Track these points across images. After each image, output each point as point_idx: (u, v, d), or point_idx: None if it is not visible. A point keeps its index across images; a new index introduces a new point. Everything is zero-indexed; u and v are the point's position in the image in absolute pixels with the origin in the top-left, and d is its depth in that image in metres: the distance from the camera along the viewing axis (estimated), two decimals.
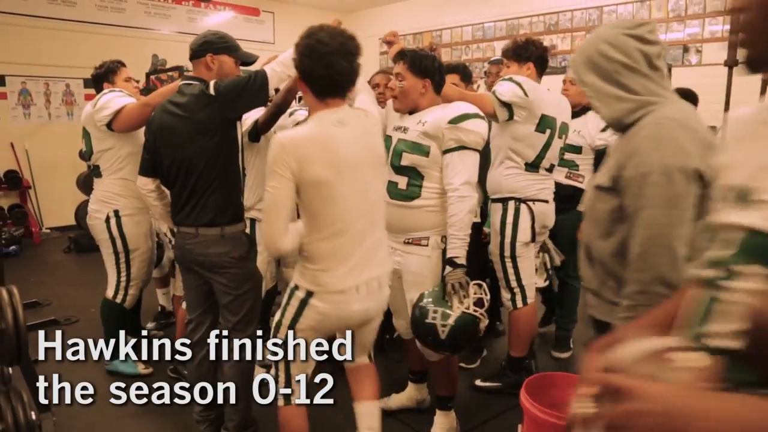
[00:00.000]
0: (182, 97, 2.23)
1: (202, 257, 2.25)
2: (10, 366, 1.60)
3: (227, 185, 2.26)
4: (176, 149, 2.21)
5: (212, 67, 2.28)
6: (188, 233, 2.25)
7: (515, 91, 2.57)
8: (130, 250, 3.00)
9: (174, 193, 2.30)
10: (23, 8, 6.50)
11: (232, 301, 2.29)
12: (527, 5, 7.22)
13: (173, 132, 2.21)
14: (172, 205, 2.34)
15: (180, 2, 7.84)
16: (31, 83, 6.71)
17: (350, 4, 8.76)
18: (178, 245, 2.32)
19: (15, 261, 5.63)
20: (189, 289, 2.41)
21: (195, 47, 2.29)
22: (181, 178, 2.23)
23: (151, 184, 2.36)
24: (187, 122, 2.18)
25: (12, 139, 6.60)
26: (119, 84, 3.08)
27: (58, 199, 6.76)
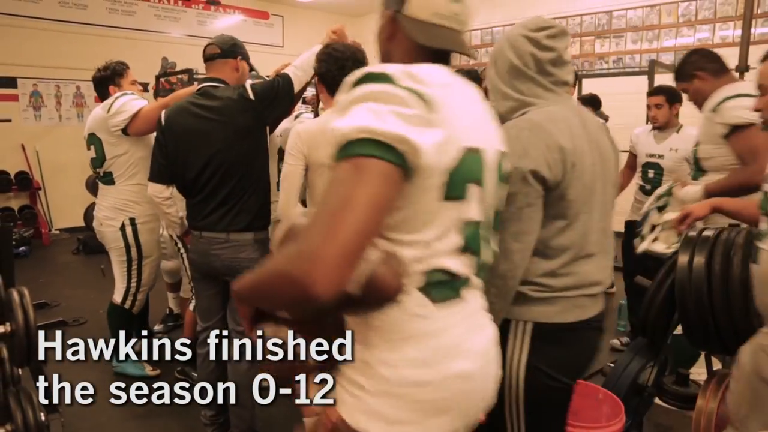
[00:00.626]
0: (212, 100, 2.17)
1: (231, 262, 2.19)
2: (20, 367, 1.61)
3: (262, 189, 2.25)
4: (210, 155, 2.14)
5: (238, 71, 2.26)
6: (216, 239, 2.19)
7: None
8: (143, 257, 2.99)
9: (198, 199, 2.21)
10: (35, 11, 6.57)
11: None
12: (536, 9, 7.21)
13: (206, 136, 2.14)
14: (193, 210, 2.26)
15: (190, 5, 7.89)
16: (42, 85, 6.77)
17: (359, 8, 8.78)
18: (200, 251, 2.25)
19: (24, 262, 5.67)
20: (204, 297, 2.36)
21: (225, 47, 2.23)
22: (213, 183, 2.16)
23: (166, 191, 2.29)
24: (225, 126, 2.13)
25: (23, 140, 6.66)
26: (126, 87, 2.99)
27: (68, 201, 6.81)
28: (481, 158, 1.00)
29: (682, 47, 5.96)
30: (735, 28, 5.60)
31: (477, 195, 0.99)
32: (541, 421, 1.37)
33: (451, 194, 0.94)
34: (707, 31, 5.85)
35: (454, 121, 0.93)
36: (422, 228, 0.93)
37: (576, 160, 1.28)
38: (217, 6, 8.17)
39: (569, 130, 1.30)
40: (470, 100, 1.05)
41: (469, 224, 0.99)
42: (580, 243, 1.33)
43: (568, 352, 1.36)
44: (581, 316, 1.35)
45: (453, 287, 0.99)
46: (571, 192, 1.29)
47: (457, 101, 0.97)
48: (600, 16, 6.67)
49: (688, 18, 5.95)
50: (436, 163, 0.89)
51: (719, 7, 5.74)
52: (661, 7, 6.14)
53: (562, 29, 1.37)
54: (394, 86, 0.87)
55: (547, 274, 1.32)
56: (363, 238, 0.79)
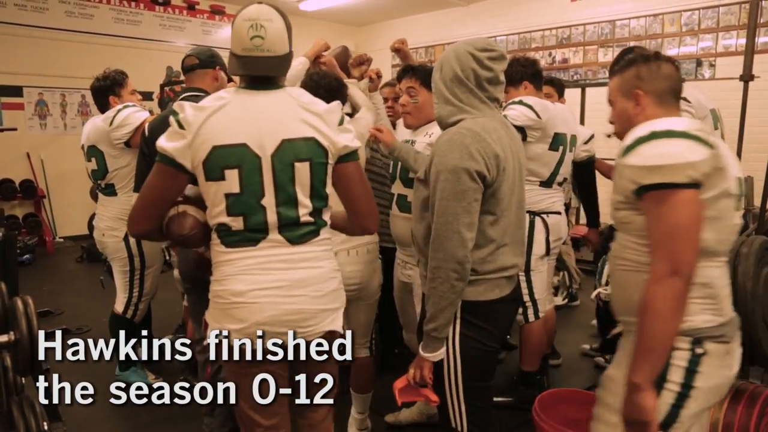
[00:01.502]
0: None
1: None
2: (23, 376, 1.61)
3: None
4: None
5: (219, 80, 2.28)
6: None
7: (528, 114, 2.57)
8: (146, 267, 2.98)
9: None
10: (42, 21, 6.63)
11: None
12: (539, 19, 7.24)
13: None
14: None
15: (194, 15, 7.95)
16: (47, 94, 6.82)
17: (362, 17, 8.83)
18: (189, 260, 2.18)
19: (29, 269, 5.68)
20: (193, 309, 2.32)
21: (204, 57, 2.25)
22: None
23: None
24: None
25: (28, 149, 6.69)
26: (126, 97, 2.95)
27: (72, 209, 6.83)
28: (237, 150, 1.43)
29: (685, 56, 5.97)
30: (738, 37, 5.61)
31: (235, 175, 1.43)
32: (474, 381, 1.64)
33: (210, 177, 1.44)
34: (710, 40, 5.85)
35: (205, 128, 1.42)
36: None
37: (505, 165, 1.55)
38: (222, 15, 8.22)
39: (500, 140, 1.56)
40: (247, 108, 1.46)
41: (229, 195, 1.45)
42: (502, 234, 1.60)
43: (492, 323, 1.64)
44: (500, 294, 1.64)
45: (231, 235, 1.49)
46: (500, 192, 1.56)
47: (220, 115, 1.44)
48: (603, 26, 6.68)
49: (691, 27, 5.96)
50: (186, 160, 1.43)
51: (722, 16, 5.74)
52: (664, 17, 6.15)
53: (501, 53, 1.63)
54: (172, 115, 1.45)
55: (477, 262, 1.57)
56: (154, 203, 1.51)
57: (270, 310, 1.48)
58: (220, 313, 1.51)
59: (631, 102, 1.46)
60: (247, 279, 1.47)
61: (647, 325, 1.26)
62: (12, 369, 1.55)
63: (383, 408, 2.68)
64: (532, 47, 7.49)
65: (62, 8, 6.77)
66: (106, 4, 7.10)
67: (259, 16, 1.50)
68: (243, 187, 1.44)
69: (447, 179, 1.51)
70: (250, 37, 1.46)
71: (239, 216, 1.46)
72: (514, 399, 2.89)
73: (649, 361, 1.26)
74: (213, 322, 1.52)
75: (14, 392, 1.53)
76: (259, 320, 1.47)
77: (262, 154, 1.44)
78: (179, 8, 7.78)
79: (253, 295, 1.47)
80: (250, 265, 1.48)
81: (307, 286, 1.52)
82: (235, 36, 1.48)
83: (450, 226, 1.51)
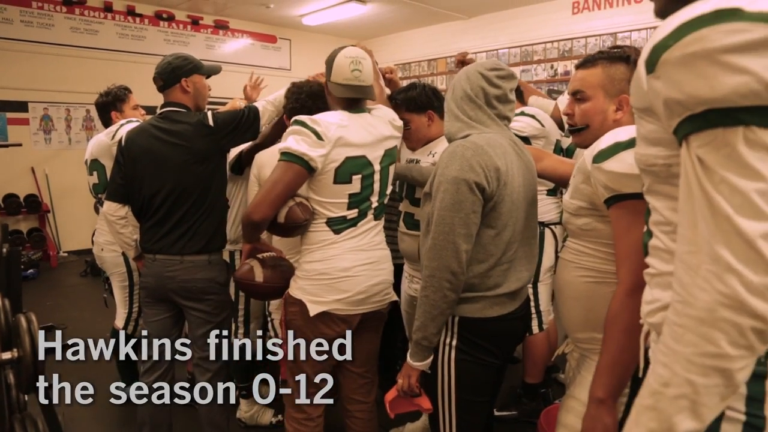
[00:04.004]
0: (173, 123, 2.20)
1: (187, 283, 2.20)
2: (26, 393, 1.60)
3: (218, 214, 2.26)
4: (167, 176, 2.18)
5: (189, 90, 2.27)
6: (171, 260, 2.20)
7: (533, 124, 2.60)
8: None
9: (153, 220, 2.23)
10: (47, 37, 6.69)
11: (210, 331, 2.27)
12: (541, 32, 7.28)
13: (164, 159, 2.18)
14: (147, 233, 2.26)
15: (198, 30, 8.02)
16: (53, 109, 6.87)
17: (365, 31, 8.89)
18: (154, 274, 2.24)
19: (32, 284, 5.69)
20: (153, 323, 2.33)
21: (166, 76, 2.24)
22: (167, 205, 2.19)
23: (122, 211, 2.30)
24: (184, 150, 2.17)
25: (33, 163, 6.73)
26: (128, 112, 2.98)
27: (76, 223, 6.85)
28: (361, 161, 1.83)
29: None
30: None
31: (359, 179, 1.84)
32: (468, 395, 1.63)
33: (338, 180, 1.81)
34: None
35: (339, 142, 1.77)
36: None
37: (507, 180, 1.55)
38: (226, 30, 8.29)
39: (504, 155, 1.57)
40: (361, 128, 1.84)
41: (352, 195, 1.85)
42: (503, 250, 1.58)
43: (492, 341, 1.62)
44: (502, 311, 1.61)
45: (343, 223, 1.87)
46: (501, 206, 1.55)
47: (345, 130, 1.79)
48: (604, 38, 6.71)
49: None
50: (324, 165, 1.78)
51: None
52: None
53: (510, 73, 1.66)
54: (304, 127, 1.77)
55: (477, 276, 1.57)
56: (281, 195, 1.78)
57: (367, 282, 1.87)
58: (325, 288, 1.83)
59: (613, 105, 1.41)
60: (350, 257, 1.85)
61: (615, 337, 1.21)
62: (15, 386, 1.55)
63: (387, 423, 2.67)
64: (534, 60, 7.52)
65: (68, 24, 6.84)
66: (110, 20, 7.17)
67: (357, 55, 1.87)
68: (363, 188, 1.85)
69: (447, 190, 1.52)
70: (351, 70, 1.85)
71: (355, 209, 1.87)
72: (518, 412, 2.87)
73: (615, 375, 1.21)
74: (310, 296, 1.83)
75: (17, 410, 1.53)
76: (360, 290, 1.86)
77: (374, 162, 1.87)
78: (183, 23, 7.84)
79: (356, 270, 1.85)
80: (352, 247, 1.86)
81: (384, 263, 1.96)
82: (337, 68, 1.85)
83: (447, 236, 1.51)
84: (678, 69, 0.70)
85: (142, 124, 2.29)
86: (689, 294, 0.70)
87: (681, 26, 0.70)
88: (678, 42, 0.70)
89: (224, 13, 8.02)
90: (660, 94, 0.75)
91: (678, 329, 0.71)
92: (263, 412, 2.83)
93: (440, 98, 2.28)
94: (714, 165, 0.68)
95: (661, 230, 0.90)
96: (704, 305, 0.68)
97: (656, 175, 0.87)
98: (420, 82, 2.39)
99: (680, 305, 0.71)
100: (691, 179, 0.71)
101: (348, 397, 2.07)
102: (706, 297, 0.67)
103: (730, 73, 0.65)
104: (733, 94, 0.65)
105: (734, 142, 0.66)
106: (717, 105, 0.67)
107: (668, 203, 0.87)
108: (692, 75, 0.69)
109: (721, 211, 0.67)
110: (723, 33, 0.65)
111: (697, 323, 0.68)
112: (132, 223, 2.35)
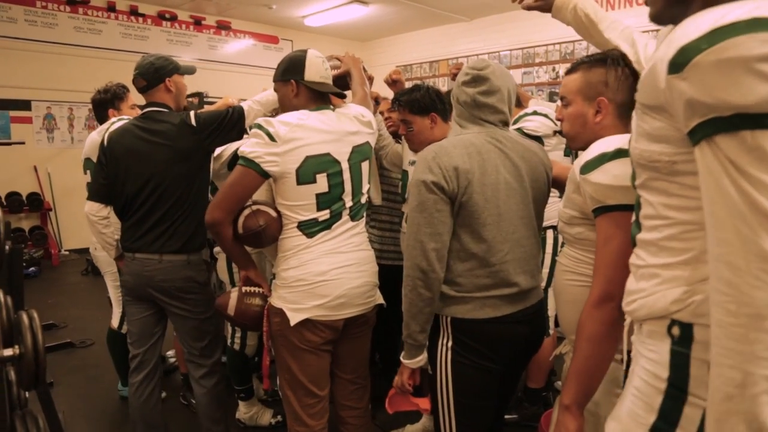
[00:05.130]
0: (156, 123, 2.21)
1: (165, 283, 2.20)
2: (27, 390, 1.61)
3: (198, 214, 2.20)
4: (149, 175, 2.17)
5: (172, 90, 2.29)
6: (150, 260, 2.19)
7: (547, 123, 2.57)
8: None
9: (134, 219, 2.22)
10: (51, 36, 6.71)
11: (196, 326, 2.27)
12: (543, 34, 7.28)
13: (147, 158, 2.17)
14: (128, 232, 2.25)
15: (201, 30, 8.03)
16: (55, 108, 6.89)
17: (366, 32, 8.90)
18: (133, 272, 2.23)
19: (34, 282, 5.70)
20: (136, 321, 2.32)
21: (149, 77, 2.24)
22: (149, 204, 2.18)
23: (104, 211, 2.30)
24: (167, 149, 2.17)
25: (35, 162, 6.75)
26: (125, 111, 2.96)
27: (78, 222, 6.84)
28: (324, 158, 1.78)
29: None
30: None
31: (325, 178, 1.78)
32: (466, 399, 1.62)
33: (302, 181, 1.76)
34: None
35: (295, 142, 1.74)
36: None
37: (472, 179, 1.53)
38: (228, 31, 8.31)
39: (474, 153, 1.56)
40: (320, 123, 1.81)
41: (320, 195, 1.79)
42: (488, 250, 1.56)
43: (486, 344, 1.59)
44: (494, 313, 1.57)
45: (315, 226, 1.81)
46: (470, 204, 1.53)
47: (301, 130, 1.76)
48: None
49: None
50: (283, 167, 1.74)
51: None
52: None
53: (474, 77, 1.63)
54: (259, 129, 1.75)
55: (461, 275, 1.57)
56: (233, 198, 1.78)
57: (346, 285, 1.81)
58: (303, 295, 1.78)
59: (592, 108, 1.42)
60: (326, 261, 1.79)
61: (580, 346, 1.24)
62: (16, 383, 1.55)
63: (388, 425, 2.67)
64: (535, 62, 7.53)
65: (71, 23, 6.86)
66: (114, 19, 7.19)
67: (323, 56, 1.95)
68: (331, 187, 1.80)
69: (412, 192, 1.57)
70: (325, 68, 1.90)
71: (326, 210, 1.81)
72: (519, 416, 2.87)
73: (580, 382, 1.24)
74: (289, 304, 1.79)
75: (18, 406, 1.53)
76: (339, 294, 1.79)
77: (341, 159, 1.82)
78: (186, 23, 7.86)
79: (333, 273, 1.79)
80: (328, 250, 1.81)
81: (365, 264, 1.89)
82: (312, 66, 1.88)
83: (415, 236, 1.55)
84: (711, 73, 0.71)
85: (124, 124, 2.29)
86: (742, 293, 0.71)
87: (715, 30, 0.71)
88: (713, 46, 0.71)
89: (227, 13, 8.04)
90: (684, 95, 0.75)
91: (738, 329, 0.72)
92: (262, 412, 2.83)
93: (443, 101, 2.28)
94: (747, 166, 0.70)
95: (653, 224, 0.92)
96: (763, 301, 0.70)
97: (657, 170, 0.88)
98: (424, 84, 2.38)
99: (734, 305, 0.72)
100: (724, 181, 0.72)
101: (340, 403, 2.04)
102: (763, 294, 0.70)
103: (764, 81, 0.67)
104: (765, 102, 0.68)
105: (764, 145, 0.69)
106: (747, 111, 0.69)
107: (664, 199, 0.89)
108: (726, 80, 0.70)
109: (762, 210, 0.69)
110: (760, 42, 0.67)
111: (759, 320, 0.70)
112: (114, 223, 2.35)
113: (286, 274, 1.81)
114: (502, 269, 1.57)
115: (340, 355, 1.95)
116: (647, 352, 0.92)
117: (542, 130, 2.56)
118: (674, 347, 0.87)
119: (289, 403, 1.91)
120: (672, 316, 0.87)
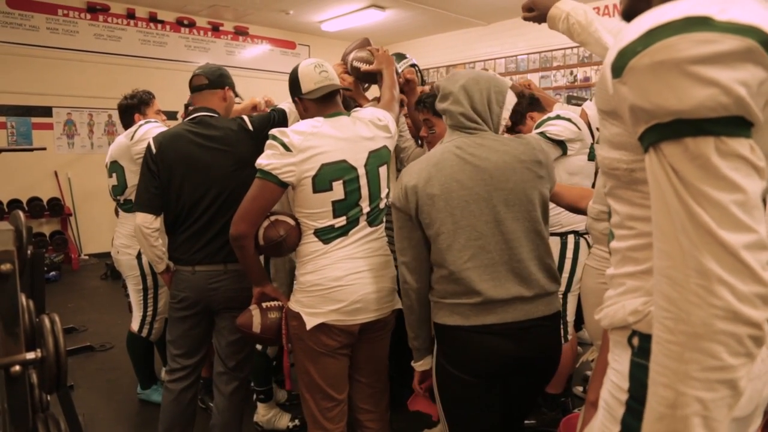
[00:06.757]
0: (211, 129, 2.14)
1: (234, 293, 2.15)
2: (49, 393, 1.62)
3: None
4: (211, 183, 2.11)
5: (227, 100, 2.26)
6: (215, 271, 2.14)
7: (570, 128, 2.55)
8: (159, 286, 2.97)
9: (192, 230, 2.14)
10: (72, 43, 6.82)
11: (238, 340, 2.21)
12: (561, 38, 7.17)
13: (206, 165, 2.12)
14: (184, 244, 2.16)
15: (219, 36, 8.11)
16: (76, 114, 6.99)
17: (382, 37, 8.91)
18: (195, 287, 2.15)
19: (54, 286, 5.77)
20: (188, 336, 2.24)
21: (213, 78, 2.21)
22: (209, 214, 2.12)
23: (156, 222, 2.18)
24: (228, 155, 2.12)
25: (56, 167, 6.84)
26: (150, 116, 2.95)
27: (97, 226, 6.95)
28: (341, 165, 1.79)
29: None
30: None
31: (341, 185, 1.79)
32: (457, 410, 1.65)
33: (318, 189, 1.78)
34: None
35: (310, 150, 1.76)
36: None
37: (430, 192, 1.58)
38: (246, 36, 8.37)
39: (424, 170, 1.62)
40: (335, 130, 1.82)
41: (336, 202, 1.80)
42: (451, 260, 1.57)
43: (462, 353, 1.61)
44: (463, 322, 1.58)
45: (332, 233, 1.83)
46: (423, 217, 1.60)
47: (315, 138, 1.78)
48: None
49: None
50: (299, 176, 1.77)
51: None
52: None
53: (441, 95, 1.68)
54: (274, 140, 1.78)
55: (436, 282, 1.65)
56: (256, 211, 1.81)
57: (362, 290, 1.82)
58: (319, 299, 1.80)
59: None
60: (342, 267, 1.81)
61: (604, 341, 1.22)
62: (38, 386, 1.56)
63: (405, 429, 2.66)
64: (553, 66, 7.48)
65: (91, 31, 6.96)
66: (133, 26, 7.28)
67: (317, 60, 1.95)
68: (347, 194, 1.81)
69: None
70: (318, 72, 1.90)
71: (343, 216, 1.82)
72: (537, 422, 2.84)
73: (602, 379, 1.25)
74: (306, 308, 1.81)
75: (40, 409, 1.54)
76: (355, 299, 1.81)
77: (357, 165, 1.82)
78: (204, 30, 7.94)
79: (349, 279, 1.81)
80: (344, 256, 1.82)
81: (383, 269, 1.89)
82: (304, 77, 1.89)
83: (396, 252, 1.72)
84: (645, 77, 0.67)
85: (175, 129, 2.22)
86: (681, 310, 0.67)
87: (649, 32, 0.67)
88: (646, 49, 0.66)
89: (244, 19, 8.11)
90: (626, 100, 0.71)
91: (674, 347, 0.68)
92: (280, 416, 2.83)
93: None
94: (690, 177, 0.66)
95: (620, 234, 0.88)
96: (700, 320, 0.65)
97: (618, 179, 0.84)
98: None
99: (672, 322, 0.68)
100: (667, 191, 0.68)
101: (358, 406, 2.03)
102: (701, 312, 0.65)
103: (698, 85, 0.63)
104: (702, 107, 0.63)
105: (707, 153, 0.64)
106: (685, 116, 0.65)
107: (628, 209, 0.85)
108: (660, 85, 0.66)
109: (703, 224, 0.65)
110: (692, 43, 0.63)
111: (695, 339, 0.66)
112: (162, 235, 2.27)
113: (304, 278, 1.84)
114: (463, 276, 1.57)
115: (358, 359, 1.96)
116: (613, 362, 0.89)
117: (565, 135, 2.54)
118: (634, 358, 0.84)
119: (307, 406, 1.92)
120: (632, 326, 0.84)
